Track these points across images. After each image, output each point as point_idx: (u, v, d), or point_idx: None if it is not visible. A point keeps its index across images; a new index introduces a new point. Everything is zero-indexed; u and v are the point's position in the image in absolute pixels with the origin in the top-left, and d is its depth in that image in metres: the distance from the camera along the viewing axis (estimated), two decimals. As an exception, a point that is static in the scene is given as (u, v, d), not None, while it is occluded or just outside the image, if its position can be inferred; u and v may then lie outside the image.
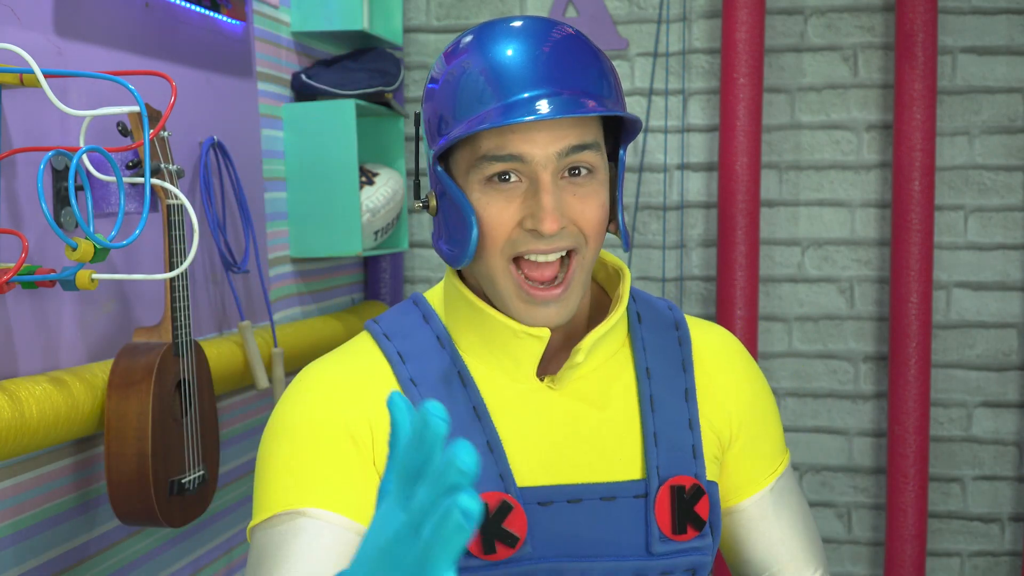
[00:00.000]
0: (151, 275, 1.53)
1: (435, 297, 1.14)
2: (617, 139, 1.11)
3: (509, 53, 1.01)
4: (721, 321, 2.63)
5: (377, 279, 2.85)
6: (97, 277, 1.41)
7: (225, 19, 2.10)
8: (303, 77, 2.44)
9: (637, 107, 2.80)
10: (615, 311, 1.09)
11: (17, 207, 1.51)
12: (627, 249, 1.10)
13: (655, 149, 2.80)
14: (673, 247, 2.81)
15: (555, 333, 1.10)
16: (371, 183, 2.52)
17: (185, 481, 1.64)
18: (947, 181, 2.69)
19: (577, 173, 1.03)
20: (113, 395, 1.57)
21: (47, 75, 1.36)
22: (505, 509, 1.04)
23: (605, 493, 1.07)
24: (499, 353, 1.08)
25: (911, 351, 2.58)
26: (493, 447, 1.06)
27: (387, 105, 2.63)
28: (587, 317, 1.14)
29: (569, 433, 1.09)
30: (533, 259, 1.03)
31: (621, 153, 1.09)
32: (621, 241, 1.11)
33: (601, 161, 1.04)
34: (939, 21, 2.63)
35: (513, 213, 1.02)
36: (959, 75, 2.67)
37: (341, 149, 2.39)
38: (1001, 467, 2.73)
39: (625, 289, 1.11)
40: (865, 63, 2.70)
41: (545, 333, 1.06)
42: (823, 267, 2.76)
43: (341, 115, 2.39)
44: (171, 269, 1.63)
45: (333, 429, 1.04)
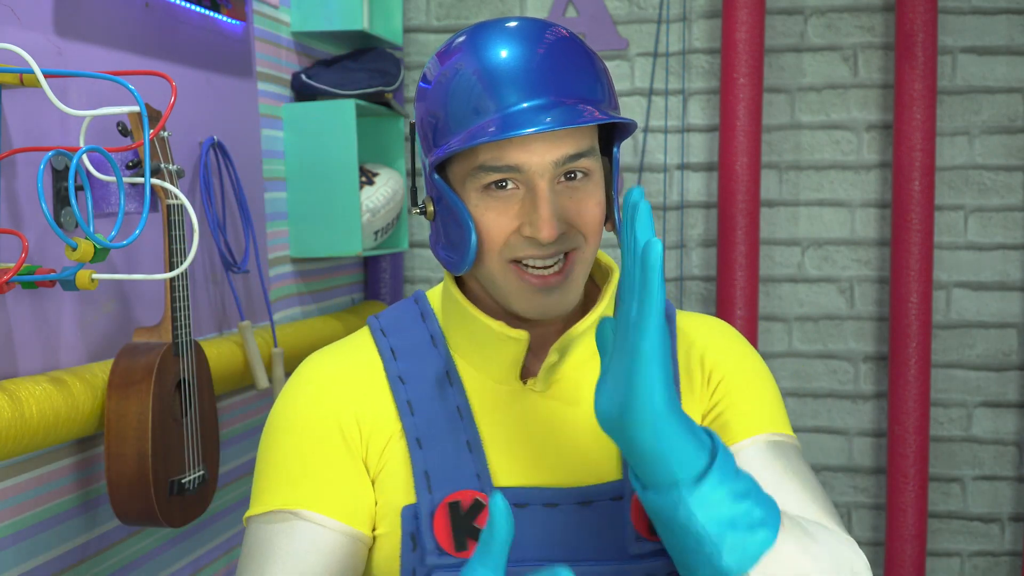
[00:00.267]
0: (151, 275, 1.53)
1: (435, 296, 1.16)
2: (611, 136, 1.11)
3: (504, 56, 1.01)
4: (721, 321, 2.64)
5: (377, 279, 2.84)
6: (97, 277, 1.41)
7: (225, 19, 2.10)
8: (303, 77, 2.44)
9: (637, 107, 2.80)
10: (593, 311, 1.09)
11: (17, 207, 1.51)
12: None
13: (655, 149, 2.80)
14: (673, 247, 2.81)
15: (543, 335, 1.10)
16: (371, 183, 2.52)
17: (185, 481, 1.64)
18: (947, 181, 2.69)
19: (573, 177, 1.03)
20: (113, 395, 1.57)
21: (47, 75, 1.36)
22: (478, 507, 1.04)
23: (581, 498, 1.07)
24: (484, 354, 1.09)
25: (911, 351, 2.58)
26: (472, 446, 1.07)
27: (387, 105, 2.63)
28: (578, 319, 1.14)
29: (549, 436, 1.09)
30: (532, 264, 1.03)
31: (615, 151, 1.09)
32: (618, 238, 1.11)
33: (596, 164, 1.04)
34: (939, 21, 2.63)
35: (511, 220, 1.02)
36: (959, 75, 2.67)
37: (341, 149, 2.39)
38: (1001, 467, 2.73)
39: (609, 289, 1.11)
40: (865, 63, 2.70)
41: (523, 335, 1.07)
42: (823, 267, 2.76)
43: (341, 115, 2.39)
44: (171, 269, 1.63)
45: (326, 429, 1.06)
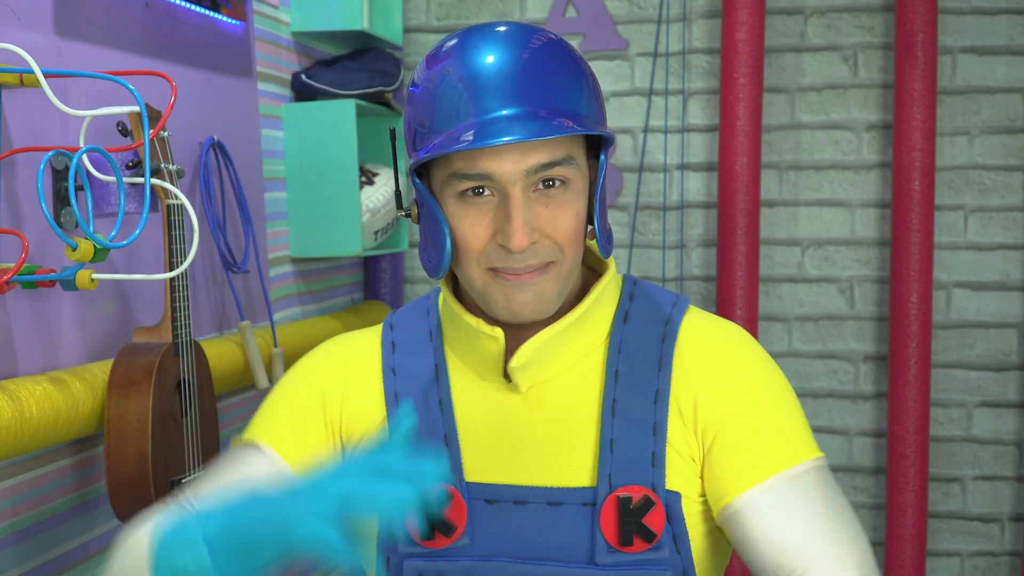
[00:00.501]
0: (151, 275, 1.53)
1: (441, 295, 1.19)
2: (598, 144, 1.09)
3: (489, 62, 1.01)
4: (721, 321, 2.63)
5: (377, 279, 2.85)
6: (97, 277, 1.41)
7: (225, 19, 2.10)
8: (303, 77, 2.44)
9: (637, 107, 2.80)
10: (567, 316, 1.08)
11: (17, 207, 1.51)
12: (605, 256, 1.09)
13: (655, 149, 2.80)
14: (673, 247, 2.81)
15: (518, 333, 1.10)
16: (371, 183, 2.52)
17: (185, 481, 1.64)
18: (947, 181, 2.69)
19: (551, 184, 1.02)
20: (113, 395, 1.57)
21: (47, 75, 1.36)
22: (445, 497, 1.07)
23: (551, 498, 1.07)
24: (469, 351, 1.11)
25: (911, 351, 2.58)
26: (449, 440, 1.10)
27: (387, 105, 2.63)
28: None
29: (525, 435, 1.09)
30: (508, 272, 1.04)
31: (602, 158, 1.08)
32: (599, 248, 1.09)
33: (575, 172, 1.03)
34: (939, 21, 2.63)
35: (485, 227, 1.03)
36: (959, 75, 2.67)
37: (341, 149, 2.39)
38: (1001, 467, 2.73)
39: (593, 293, 1.10)
40: (865, 63, 2.70)
41: (499, 333, 1.07)
42: (823, 267, 2.76)
43: (341, 115, 2.39)
44: (171, 269, 1.63)
45: (311, 389, 1.17)
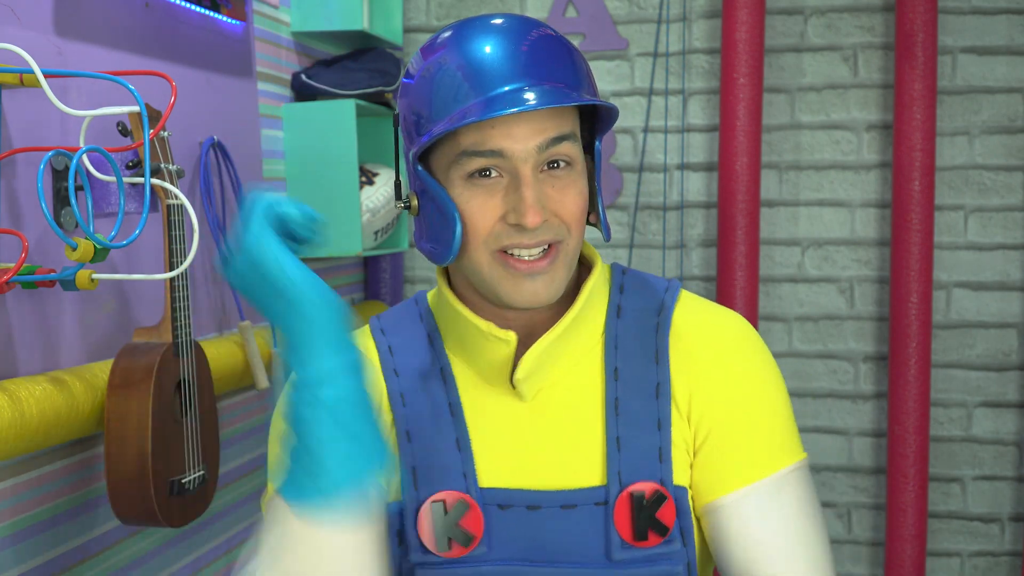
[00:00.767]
0: (151, 275, 1.53)
1: (433, 297, 1.17)
2: (592, 131, 1.12)
3: (487, 50, 1.02)
4: (721, 321, 2.63)
5: (377, 279, 2.85)
6: (97, 277, 1.41)
7: (225, 19, 2.10)
8: (303, 77, 2.44)
9: (637, 107, 2.80)
10: (563, 320, 1.08)
11: (17, 207, 1.51)
12: (607, 238, 1.10)
13: (655, 149, 2.80)
14: (673, 247, 2.81)
15: (529, 337, 1.11)
16: (371, 183, 2.52)
17: (185, 481, 1.64)
18: (947, 181, 2.69)
19: (556, 166, 1.04)
20: (113, 395, 1.57)
21: (47, 75, 1.36)
22: (463, 507, 1.06)
23: (564, 501, 1.07)
24: (474, 354, 1.10)
25: (911, 351, 2.58)
26: (462, 445, 1.08)
27: (387, 105, 2.63)
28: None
29: (534, 438, 1.09)
30: (517, 254, 1.04)
31: (597, 144, 1.10)
32: (602, 231, 1.11)
33: (578, 152, 1.05)
34: (939, 21, 2.63)
35: (495, 208, 1.03)
36: (959, 75, 2.67)
37: (341, 149, 2.39)
38: (1001, 467, 2.73)
39: (585, 291, 1.10)
40: (865, 63, 2.70)
41: (511, 337, 1.07)
42: (823, 267, 2.76)
43: (341, 115, 2.39)
44: (171, 269, 1.63)
45: None
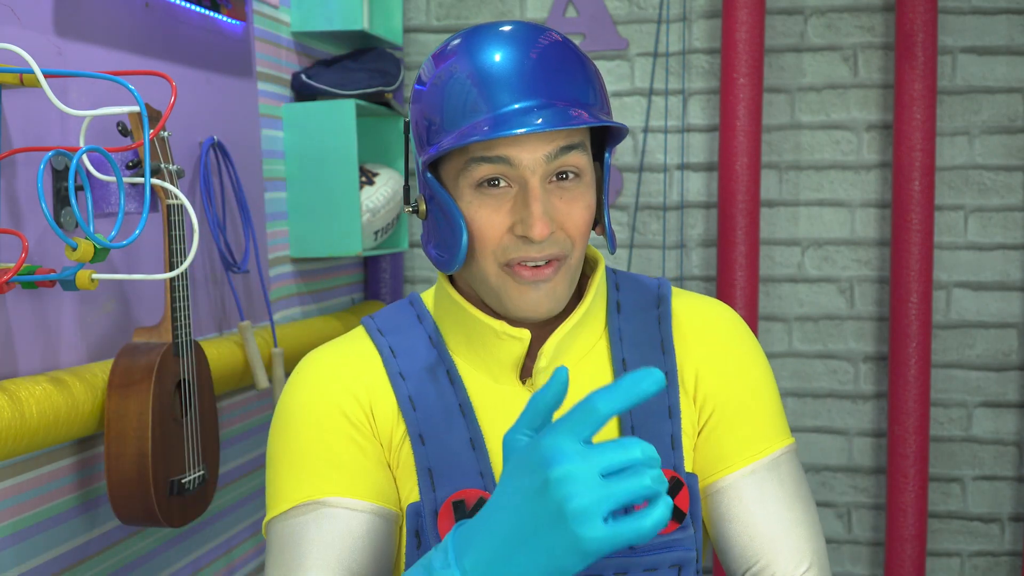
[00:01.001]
0: (151, 275, 1.53)
1: (429, 298, 1.17)
2: (602, 142, 1.12)
3: (497, 59, 1.02)
4: (721, 321, 2.63)
5: (377, 279, 2.85)
6: (97, 277, 1.41)
7: (225, 19, 2.10)
8: (303, 77, 2.44)
9: (637, 107, 2.80)
10: (577, 310, 1.10)
11: (17, 207, 1.51)
12: (612, 251, 1.11)
13: (655, 149, 2.80)
14: (673, 247, 2.81)
15: (537, 333, 1.11)
16: (371, 183, 2.52)
17: (185, 481, 1.64)
18: (947, 181, 2.69)
19: (565, 177, 1.04)
20: (113, 395, 1.57)
21: (47, 75, 1.36)
22: (481, 506, 1.05)
23: None
24: (483, 354, 1.10)
25: (911, 351, 2.58)
26: (476, 444, 1.08)
27: (387, 105, 2.63)
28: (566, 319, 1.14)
29: None
30: (523, 262, 1.04)
31: (607, 156, 1.10)
32: (607, 242, 1.11)
33: (587, 163, 1.05)
34: (939, 21, 2.63)
35: (503, 219, 1.03)
36: (959, 75, 2.67)
37: (341, 149, 2.40)
38: (1001, 467, 2.73)
39: (592, 286, 1.12)
40: (865, 63, 2.70)
41: (525, 334, 1.08)
42: (823, 267, 2.76)
43: (341, 115, 2.39)
44: (171, 269, 1.63)
45: (332, 416, 1.07)
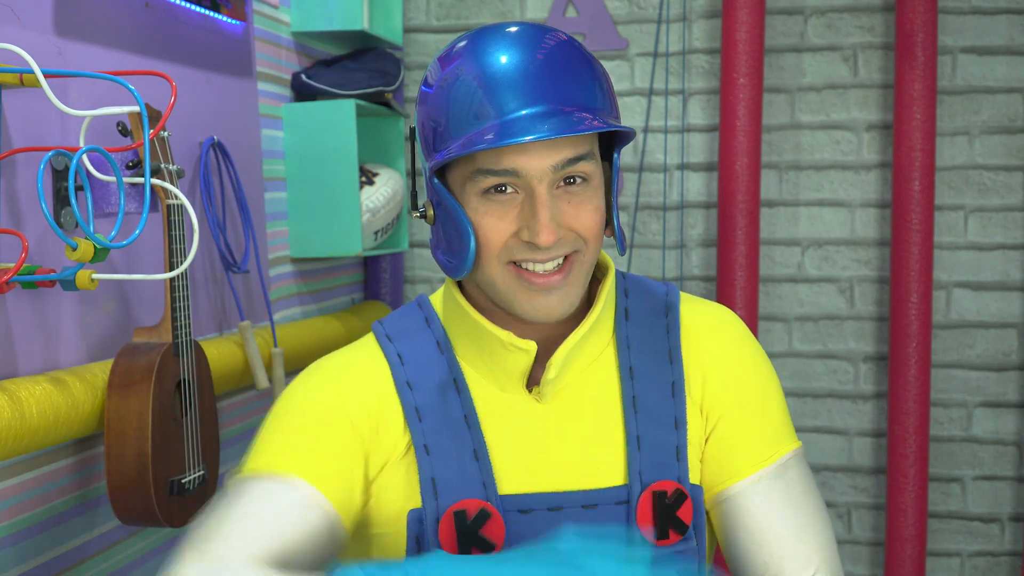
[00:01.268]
0: (151, 275, 1.53)
1: (438, 301, 1.16)
2: (611, 142, 1.11)
3: (504, 62, 1.01)
4: (721, 321, 2.63)
5: (377, 279, 2.85)
6: (97, 277, 1.41)
7: (225, 19, 2.10)
8: (303, 77, 2.44)
9: (637, 107, 2.80)
10: (586, 320, 1.09)
11: (17, 207, 1.51)
12: (622, 252, 1.10)
13: (655, 149, 2.80)
14: (673, 247, 2.81)
15: (544, 344, 1.10)
16: (371, 183, 2.52)
17: (185, 481, 1.64)
18: (947, 181, 2.69)
19: (572, 182, 1.03)
20: (113, 395, 1.57)
21: (47, 75, 1.36)
22: (483, 516, 1.05)
23: (586, 501, 1.07)
24: (490, 363, 1.10)
25: (911, 351, 2.58)
26: (479, 455, 1.07)
27: (387, 105, 2.63)
28: (576, 325, 1.13)
29: (554, 442, 1.09)
30: (531, 268, 1.04)
31: (615, 156, 1.09)
32: (616, 244, 1.11)
33: (595, 168, 1.05)
34: (939, 21, 2.63)
35: (509, 225, 1.03)
36: (959, 75, 2.67)
37: (341, 149, 2.39)
38: (1001, 467, 2.73)
39: (602, 295, 1.11)
40: (865, 63, 2.70)
41: (532, 347, 1.07)
42: (823, 267, 2.76)
43: (341, 115, 2.39)
44: (171, 269, 1.63)
45: (336, 415, 1.08)
